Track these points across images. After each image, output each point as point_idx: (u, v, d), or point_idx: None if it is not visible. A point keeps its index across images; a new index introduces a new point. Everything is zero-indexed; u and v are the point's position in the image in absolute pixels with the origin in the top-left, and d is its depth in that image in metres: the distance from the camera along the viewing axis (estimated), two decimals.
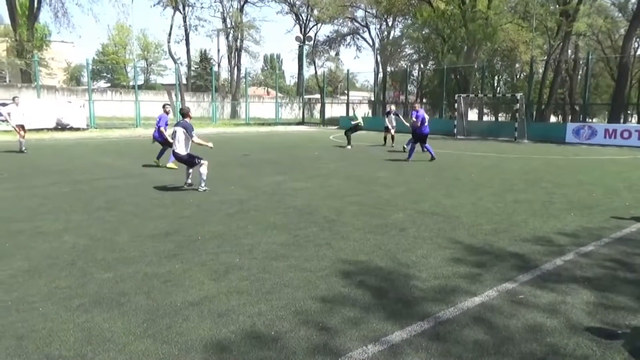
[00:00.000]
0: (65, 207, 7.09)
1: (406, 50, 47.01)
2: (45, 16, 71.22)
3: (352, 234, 5.75)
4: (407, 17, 41.78)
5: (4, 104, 18.98)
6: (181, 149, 8.37)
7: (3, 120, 22.77)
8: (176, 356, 2.93)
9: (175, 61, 46.19)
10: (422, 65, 45.28)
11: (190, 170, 8.65)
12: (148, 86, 58.42)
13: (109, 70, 66.23)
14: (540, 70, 33.67)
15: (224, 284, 4.12)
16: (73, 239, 5.42)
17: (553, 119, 38.37)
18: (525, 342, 3.15)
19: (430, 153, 13.58)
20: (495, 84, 44.59)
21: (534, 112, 30.93)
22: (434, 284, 4.13)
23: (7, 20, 41.34)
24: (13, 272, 4.31)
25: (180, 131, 8.36)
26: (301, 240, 5.47)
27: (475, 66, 32.13)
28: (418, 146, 13.94)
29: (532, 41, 31.02)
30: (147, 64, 68.21)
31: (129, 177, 10.08)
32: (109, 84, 63.88)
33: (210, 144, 8.84)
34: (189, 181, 8.69)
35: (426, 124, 13.68)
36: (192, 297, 3.81)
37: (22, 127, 14.93)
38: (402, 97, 40.16)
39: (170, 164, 10.71)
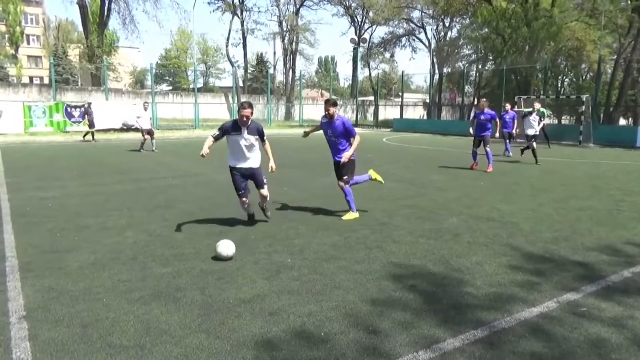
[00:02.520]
0: (128, 204, 7.46)
1: (464, 50, 45.77)
2: (113, 23, 75.38)
3: (404, 237, 5.67)
4: (465, 17, 40.73)
5: (86, 107, 20.14)
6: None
7: (76, 122, 24.33)
8: (228, 352, 3.00)
9: (232, 64, 47.54)
10: (480, 66, 43.95)
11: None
12: (207, 89, 60.45)
13: (170, 74, 69.15)
14: (609, 71, 31.72)
15: (276, 283, 4.18)
16: (134, 234, 5.69)
17: (622, 121, 36.04)
18: (588, 358, 2.97)
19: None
20: (559, 85, 42.50)
21: (601, 115, 29.21)
22: (489, 292, 3.99)
23: (80, 28, 44.19)
24: (80, 264, 4.58)
25: None
26: (352, 242, 5.46)
27: (538, 66, 30.76)
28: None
29: (600, 40, 29.29)
30: (206, 68, 70.67)
31: (187, 177, 10.47)
32: (170, 87, 66.67)
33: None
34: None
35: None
36: (244, 295, 3.90)
37: (148, 131, 15.96)
38: (459, 99, 39.19)
39: None
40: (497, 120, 11.84)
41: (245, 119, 5.68)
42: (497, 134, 11.93)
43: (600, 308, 3.69)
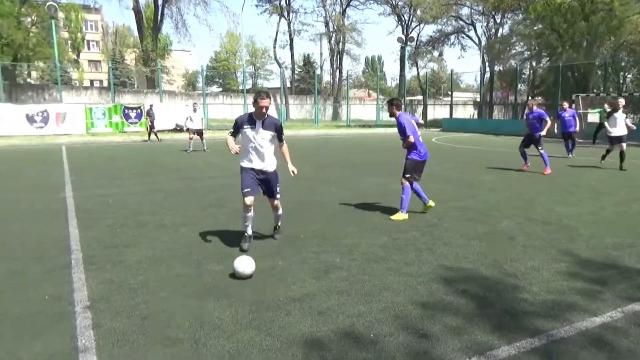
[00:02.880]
0: (183, 203, 7.72)
1: (516, 47, 44.21)
2: (166, 27, 78.11)
3: (455, 239, 5.55)
4: (517, 12, 39.28)
5: (149, 109, 20.86)
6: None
7: (133, 123, 25.43)
8: (278, 349, 3.05)
9: (280, 66, 48.24)
10: (533, 64, 42.29)
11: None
12: (255, 90, 61.51)
13: (220, 76, 70.95)
14: None
15: (324, 282, 4.20)
16: (189, 232, 5.88)
17: None
18: None
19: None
20: (621, 82, 40.19)
21: None
22: (546, 299, 3.83)
23: (136, 33, 46.16)
24: (139, 259, 4.79)
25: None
26: (401, 243, 5.40)
27: (597, 63, 29.25)
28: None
29: None
30: (254, 69, 71.99)
31: (237, 176, 10.67)
32: (220, 89, 68.42)
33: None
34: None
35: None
36: (294, 293, 3.94)
37: (196, 131, 16.40)
38: (511, 98, 37.90)
39: None
40: (547, 119, 11.14)
41: (264, 110, 4.93)
42: (543, 132, 11.17)
43: None
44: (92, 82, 64.61)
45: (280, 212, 5.48)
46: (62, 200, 7.80)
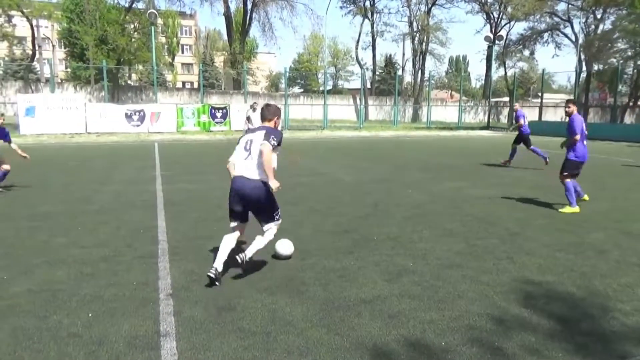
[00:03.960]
0: None
1: (618, 45, 40.57)
2: (254, 30, 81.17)
3: (538, 250, 5.23)
4: (621, 7, 36.06)
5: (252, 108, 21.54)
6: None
7: (219, 122, 26.75)
8: (347, 349, 3.06)
9: (361, 67, 48.28)
10: (638, 62, 38.57)
11: None
12: (335, 91, 62.19)
13: (302, 77, 72.46)
14: None
15: (396, 286, 4.15)
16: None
17: None
18: None
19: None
20: None
21: None
22: (639, 320, 3.51)
23: (225, 37, 48.48)
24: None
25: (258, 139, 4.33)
26: (479, 250, 5.19)
27: None
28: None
29: None
30: (335, 70, 72.70)
31: (314, 176, 10.87)
32: (302, 90, 69.91)
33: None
34: None
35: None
36: (364, 295, 3.94)
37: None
38: (610, 100, 34.91)
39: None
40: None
41: None
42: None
43: None
44: (184, 83, 68.92)
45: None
46: (153, 193, 8.40)
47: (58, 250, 5.05)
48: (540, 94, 40.09)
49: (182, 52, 71.59)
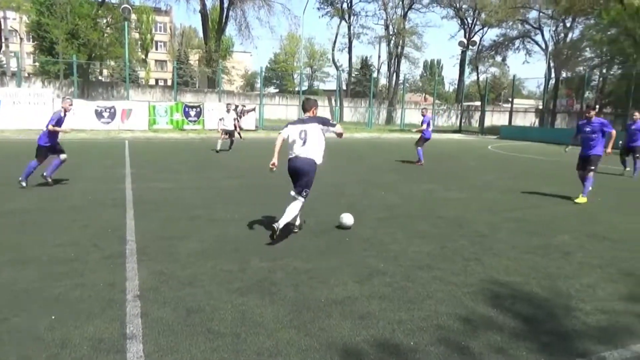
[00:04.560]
0: (234, 199, 7.94)
1: (586, 53, 41.91)
2: (230, 29, 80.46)
3: (506, 252, 5.35)
4: (589, 17, 37.27)
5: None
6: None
7: (192, 121, 26.41)
8: (317, 350, 3.06)
9: (337, 68, 48.49)
10: (604, 70, 39.92)
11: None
12: (311, 92, 62.18)
13: (278, 77, 72.27)
14: None
15: (367, 287, 4.18)
16: (238, 228, 6.04)
17: None
18: None
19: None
20: None
21: None
22: (599, 319, 3.62)
23: (201, 34, 47.94)
24: (189, 252, 4.97)
25: (315, 128, 5.62)
26: (449, 252, 5.28)
27: None
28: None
29: None
30: (311, 71, 72.75)
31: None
32: (277, 90, 69.70)
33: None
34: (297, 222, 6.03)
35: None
36: (335, 296, 3.95)
37: (227, 132, 16.49)
38: (577, 106, 35.98)
39: None
40: (612, 131, 8.63)
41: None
42: (609, 150, 8.77)
43: None
44: (157, 80, 67.77)
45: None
46: (122, 192, 8.23)
47: (23, 249, 4.89)
48: (510, 99, 41.07)
49: (156, 49, 70.40)
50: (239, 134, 19.32)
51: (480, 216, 7.18)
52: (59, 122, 8.48)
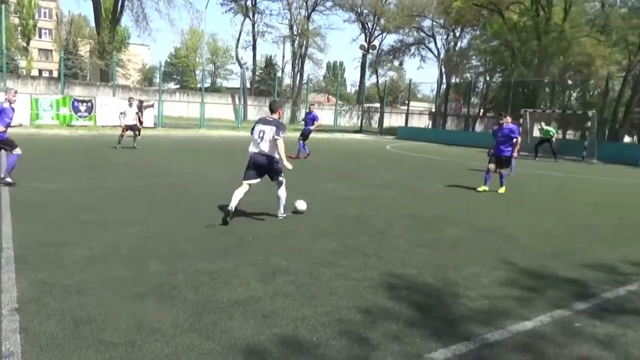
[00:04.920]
0: (130, 201, 7.48)
1: (472, 61, 45.78)
2: (126, 20, 75.76)
3: (402, 246, 5.66)
4: (475, 28, 40.76)
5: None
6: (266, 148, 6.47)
7: (82, 116, 24.44)
8: (219, 353, 3.00)
9: (241, 66, 47.77)
10: (488, 78, 43.92)
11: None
12: (214, 89, 60.70)
13: (179, 73, 69.52)
14: (617, 87, 31.67)
15: (270, 285, 4.17)
16: (134, 230, 5.70)
17: (627, 139, 35.89)
18: None
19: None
20: (566, 100, 42.37)
21: (607, 131, 29.14)
22: (483, 304, 3.98)
23: (92, 24, 44.50)
24: (76, 259, 4.58)
25: (270, 130, 6.39)
26: (350, 249, 5.46)
27: (546, 80, 30.75)
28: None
29: (610, 56, 29.26)
30: (214, 68, 70.98)
31: (189, 175, 10.49)
32: (178, 86, 67.03)
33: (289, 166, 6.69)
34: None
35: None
36: (238, 296, 3.90)
37: (129, 127, 15.57)
38: (464, 110, 39.14)
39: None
40: (517, 138, 10.02)
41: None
42: (515, 154, 10.23)
43: (594, 325, 3.68)
44: (40, 71, 61.60)
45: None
46: None
47: None
48: (407, 102, 43.54)
49: (40, 37, 64.02)
50: (138, 130, 18.45)
51: (379, 213, 7.52)
52: (2, 114, 7.87)
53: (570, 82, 38.60)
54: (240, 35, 47.22)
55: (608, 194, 11.08)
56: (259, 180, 6.61)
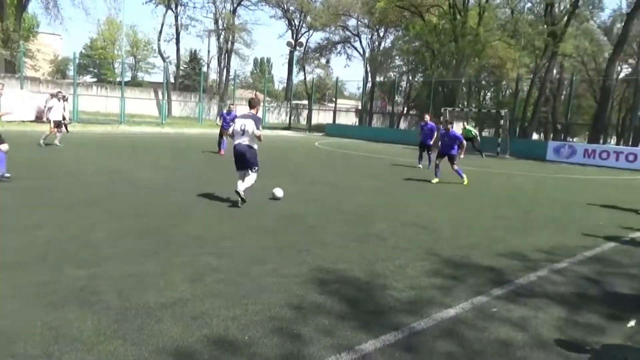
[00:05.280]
0: (43, 202, 6.96)
1: (396, 61, 47.46)
2: (34, 6, 70.12)
3: (332, 241, 5.75)
4: (398, 29, 42.23)
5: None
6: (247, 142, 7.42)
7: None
8: (146, 359, 2.88)
9: (164, 59, 46.06)
10: (410, 77, 45.73)
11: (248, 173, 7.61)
12: (135, 83, 57.86)
13: (96, 65, 65.52)
14: (526, 88, 34.31)
15: (200, 286, 4.07)
16: (48, 234, 5.31)
17: (535, 136, 39.02)
18: (496, 356, 3.18)
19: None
20: (482, 99, 45.22)
21: (517, 129, 31.48)
22: (409, 295, 4.15)
23: None
24: None
25: (250, 123, 7.34)
26: (282, 245, 5.45)
27: (463, 81, 32.58)
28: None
29: (519, 59, 31.59)
30: (135, 61, 67.68)
31: (109, 174, 9.95)
32: (95, 79, 63.14)
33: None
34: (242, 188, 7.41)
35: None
36: (165, 299, 3.76)
37: (58, 123, 14.95)
38: (389, 108, 40.46)
39: None
40: (463, 141, 11.90)
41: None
42: (462, 156, 11.92)
43: (509, 309, 3.97)
44: None
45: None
46: None
47: None
48: (334, 99, 44.21)
49: None
50: (65, 125, 17.58)
51: (310, 209, 7.59)
52: None
53: (484, 82, 41.28)
54: (162, 27, 45.52)
55: (519, 187, 11.97)
56: (245, 170, 7.59)
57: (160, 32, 45.84)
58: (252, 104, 7.64)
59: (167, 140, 21.11)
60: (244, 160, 7.49)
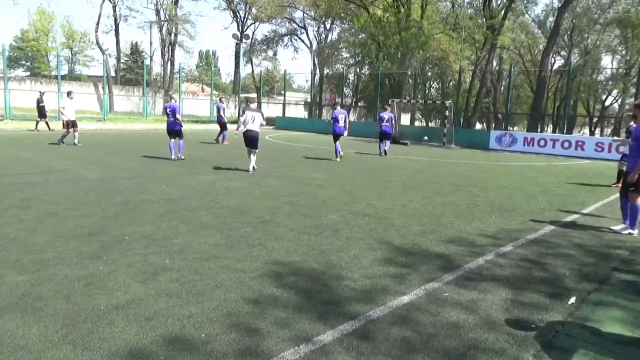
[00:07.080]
0: None
1: (343, 53, 47.74)
2: None
3: (285, 234, 5.75)
4: (344, 21, 42.46)
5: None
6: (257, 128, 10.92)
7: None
8: None
9: (103, 52, 44.02)
10: (358, 70, 46.19)
11: (253, 157, 10.99)
12: (72, 77, 55.03)
13: (28, 58, 61.69)
14: (468, 80, 35.55)
15: (152, 286, 3.96)
16: None
17: (478, 126, 40.58)
18: (449, 338, 3.31)
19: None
20: (427, 91, 46.44)
21: (462, 119, 32.60)
22: (364, 284, 4.23)
23: None
24: None
25: (258, 116, 10.89)
26: (234, 240, 5.40)
27: (409, 73, 33.29)
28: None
29: (461, 52, 32.64)
30: (71, 54, 64.26)
31: (50, 173, 9.44)
32: (28, 73, 59.48)
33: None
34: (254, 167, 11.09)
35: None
36: (117, 301, 3.64)
37: (73, 123, 15.31)
38: (338, 100, 40.75)
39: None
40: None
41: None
42: (346, 133, 15.06)
43: (459, 293, 4.13)
44: None
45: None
46: None
47: None
48: (283, 92, 43.97)
49: None
50: (46, 123, 17.33)
51: (261, 203, 7.54)
52: None
53: (429, 74, 42.38)
54: (99, 18, 43.35)
55: (465, 175, 12.42)
56: (252, 149, 10.89)
57: (98, 23, 43.75)
58: (253, 101, 11.19)
59: (109, 136, 20.28)
60: (253, 141, 10.78)
